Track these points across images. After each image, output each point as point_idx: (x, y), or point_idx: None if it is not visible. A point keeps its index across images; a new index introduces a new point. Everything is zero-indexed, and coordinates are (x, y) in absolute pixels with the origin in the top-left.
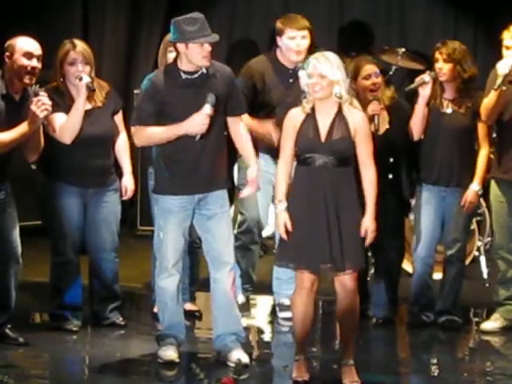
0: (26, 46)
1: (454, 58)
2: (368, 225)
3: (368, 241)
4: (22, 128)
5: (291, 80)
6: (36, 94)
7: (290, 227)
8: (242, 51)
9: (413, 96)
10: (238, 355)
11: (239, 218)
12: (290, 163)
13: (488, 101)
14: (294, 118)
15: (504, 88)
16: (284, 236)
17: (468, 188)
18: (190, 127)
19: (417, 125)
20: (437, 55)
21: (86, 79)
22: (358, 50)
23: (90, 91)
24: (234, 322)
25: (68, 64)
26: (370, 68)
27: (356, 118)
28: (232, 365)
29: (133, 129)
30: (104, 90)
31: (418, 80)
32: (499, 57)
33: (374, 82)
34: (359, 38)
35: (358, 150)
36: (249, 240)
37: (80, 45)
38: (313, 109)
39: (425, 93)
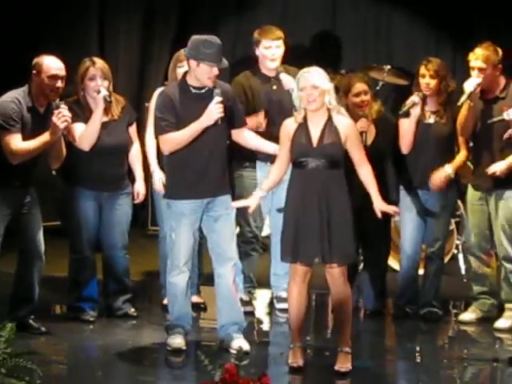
0: (51, 68)
1: (439, 74)
2: (380, 207)
3: (392, 212)
4: (44, 137)
5: (275, 87)
6: (57, 107)
7: (251, 210)
8: (244, 65)
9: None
10: (240, 343)
11: (238, 229)
12: (284, 166)
13: (459, 120)
14: (288, 127)
15: (471, 104)
16: (235, 204)
17: (448, 190)
18: (209, 118)
19: (407, 140)
20: (423, 71)
21: (104, 92)
22: (348, 66)
23: (107, 103)
24: (236, 312)
25: (88, 79)
26: (360, 86)
27: (345, 125)
28: (234, 352)
29: (160, 139)
30: (120, 104)
31: (408, 102)
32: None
33: (363, 99)
34: (349, 56)
35: (351, 154)
36: (249, 248)
37: (99, 62)
38: (304, 118)
39: (416, 112)
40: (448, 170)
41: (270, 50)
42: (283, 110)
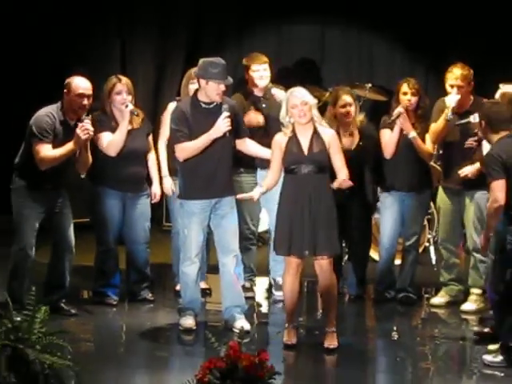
0: (79, 88)
1: (419, 92)
2: (341, 178)
3: (345, 184)
4: (69, 145)
5: (264, 105)
6: (81, 121)
7: (255, 199)
8: (245, 84)
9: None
10: (242, 323)
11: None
12: (277, 174)
13: (436, 128)
14: (279, 141)
15: (452, 117)
16: (242, 196)
17: (423, 192)
18: (217, 131)
19: (391, 147)
20: (406, 89)
21: (130, 107)
22: (335, 85)
23: (133, 115)
24: (238, 296)
25: (115, 93)
26: (346, 98)
27: (328, 135)
28: (237, 331)
29: (176, 148)
30: (140, 116)
31: (395, 113)
32: (446, 93)
33: (348, 110)
34: (336, 76)
35: (332, 160)
36: (248, 243)
37: (124, 79)
38: (293, 131)
39: (400, 121)
40: (413, 133)
41: (258, 72)
42: (272, 123)
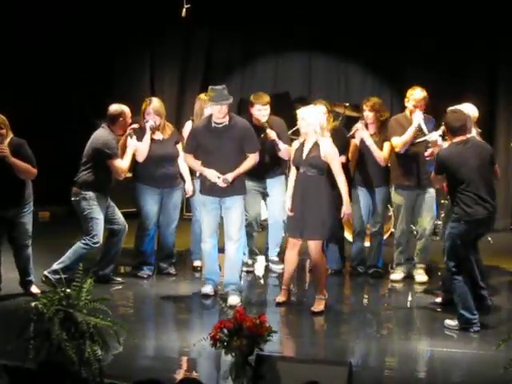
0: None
1: (375, 108)
2: (345, 210)
3: (345, 218)
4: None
5: (262, 135)
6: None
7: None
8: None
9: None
10: (231, 300)
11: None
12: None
13: (404, 140)
14: (294, 146)
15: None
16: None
17: (383, 188)
18: (208, 176)
19: (354, 154)
20: (364, 107)
21: (151, 123)
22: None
23: (153, 128)
24: (234, 276)
25: (146, 113)
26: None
27: (325, 147)
28: (223, 306)
29: (184, 155)
30: (169, 129)
31: (354, 128)
32: (406, 108)
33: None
34: (320, 96)
35: (331, 166)
36: (251, 230)
37: (154, 100)
38: (304, 140)
39: (359, 135)
40: (369, 141)
41: (261, 111)
42: (264, 148)
